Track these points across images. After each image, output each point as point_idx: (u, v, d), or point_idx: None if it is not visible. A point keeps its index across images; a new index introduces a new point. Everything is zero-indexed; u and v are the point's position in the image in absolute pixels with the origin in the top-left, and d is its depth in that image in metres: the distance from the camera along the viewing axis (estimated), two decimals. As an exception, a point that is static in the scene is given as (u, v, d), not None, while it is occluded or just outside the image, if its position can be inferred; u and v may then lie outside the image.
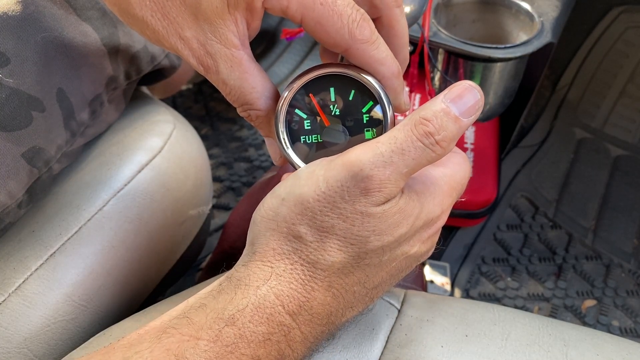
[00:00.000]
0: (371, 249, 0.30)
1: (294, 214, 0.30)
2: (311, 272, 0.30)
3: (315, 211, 0.29)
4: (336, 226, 0.29)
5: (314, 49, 1.19)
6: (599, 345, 0.38)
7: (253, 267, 0.30)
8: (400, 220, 0.30)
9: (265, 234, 0.31)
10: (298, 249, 0.30)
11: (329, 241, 0.30)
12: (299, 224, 0.30)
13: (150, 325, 0.30)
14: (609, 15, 0.93)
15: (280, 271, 0.30)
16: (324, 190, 0.29)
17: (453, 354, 0.37)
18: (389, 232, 0.30)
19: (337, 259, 0.30)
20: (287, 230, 0.30)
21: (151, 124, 0.56)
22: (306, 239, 0.30)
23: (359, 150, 0.29)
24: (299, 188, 0.30)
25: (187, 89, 1.16)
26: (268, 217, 0.31)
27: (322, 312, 0.31)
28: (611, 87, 0.98)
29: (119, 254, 0.49)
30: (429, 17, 0.62)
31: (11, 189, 0.43)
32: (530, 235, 0.88)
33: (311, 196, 0.29)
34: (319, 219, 0.30)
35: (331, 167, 0.29)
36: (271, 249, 0.30)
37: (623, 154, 0.97)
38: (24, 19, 0.43)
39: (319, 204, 0.29)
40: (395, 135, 0.29)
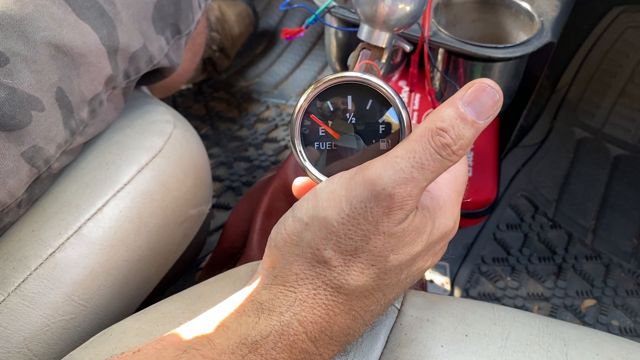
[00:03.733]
0: (390, 269, 0.30)
1: (319, 238, 0.29)
2: (334, 296, 0.30)
3: (340, 235, 0.29)
4: (359, 249, 0.29)
5: (314, 48, 1.19)
6: (598, 345, 0.38)
7: (275, 291, 0.30)
8: (415, 239, 0.30)
9: (289, 259, 0.30)
10: (322, 273, 0.30)
11: (352, 265, 0.29)
12: (323, 249, 0.29)
13: (167, 340, 0.30)
14: (608, 15, 0.93)
15: (303, 296, 0.29)
16: (347, 212, 0.29)
17: (453, 353, 0.37)
18: (406, 251, 0.30)
19: (360, 282, 0.30)
20: (311, 255, 0.30)
21: (151, 123, 0.56)
22: (331, 263, 0.29)
23: (379, 166, 0.28)
24: (322, 211, 0.29)
25: (187, 89, 1.16)
26: (292, 242, 0.30)
27: (341, 334, 0.31)
28: (611, 87, 0.98)
29: (119, 253, 0.49)
30: (429, 17, 0.62)
31: (11, 188, 0.43)
32: (530, 235, 0.88)
33: (335, 219, 0.29)
34: (344, 243, 0.29)
35: (352, 186, 0.29)
36: (294, 273, 0.30)
37: (623, 154, 0.97)
38: (23, 18, 0.42)
39: (344, 227, 0.29)
40: (413, 147, 0.28)
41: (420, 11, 0.44)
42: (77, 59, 0.46)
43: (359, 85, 0.32)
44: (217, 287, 0.45)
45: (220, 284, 0.45)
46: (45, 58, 0.43)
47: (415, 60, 0.64)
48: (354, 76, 0.32)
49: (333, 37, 0.75)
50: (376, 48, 0.46)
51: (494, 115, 0.30)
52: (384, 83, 0.32)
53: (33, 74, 0.43)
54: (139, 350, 0.29)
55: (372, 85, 0.32)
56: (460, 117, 0.28)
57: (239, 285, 0.44)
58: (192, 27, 0.59)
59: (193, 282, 0.63)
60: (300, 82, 1.14)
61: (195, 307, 0.42)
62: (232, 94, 1.14)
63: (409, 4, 0.43)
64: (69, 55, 0.45)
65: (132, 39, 0.50)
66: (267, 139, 1.05)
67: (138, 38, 0.51)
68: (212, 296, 0.43)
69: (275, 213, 0.57)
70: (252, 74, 1.18)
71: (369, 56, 0.46)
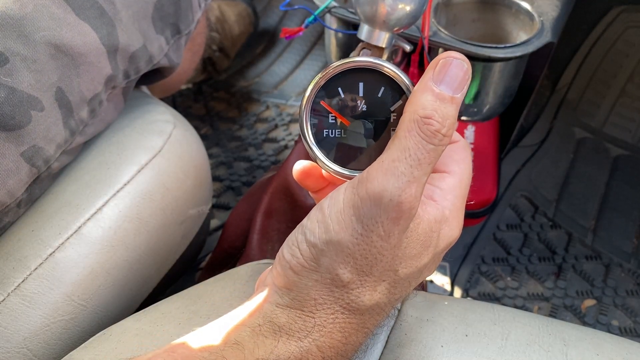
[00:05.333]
0: (399, 282, 0.30)
1: (337, 262, 0.29)
2: (350, 318, 0.30)
3: (356, 256, 0.29)
4: (374, 266, 0.29)
5: (313, 48, 1.19)
6: (598, 345, 0.38)
7: (294, 315, 0.29)
8: (422, 252, 0.30)
9: (307, 283, 0.30)
10: (340, 297, 0.29)
11: (367, 284, 0.29)
12: (342, 273, 0.29)
13: (178, 352, 0.29)
14: (608, 15, 0.93)
15: (322, 321, 0.29)
16: (360, 232, 0.28)
17: (453, 353, 0.37)
18: (414, 264, 0.30)
19: (374, 301, 0.30)
20: (330, 280, 0.29)
21: (151, 123, 0.56)
22: (349, 286, 0.29)
23: (381, 177, 0.28)
24: (335, 235, 0.29)
25: (186, 89, 1.16)
26: (310, 268, 0.29)
27: (352, 351, 0.31)
28: (611, 87, 0.98)
29: (119, 253, 0.49)
30: (429, 17, 0.62)
31: (11, 188, 0.43)
32: (530, 234, 0.88)
33: (350, 242, 0.28)
34: (360, 263, 0.29)
35: (359, 203, 0.28)
36: (312, 298, 0.29)
37: (623, 154, 0.97)
38: (23, 18, 0.42)
39: (359, 247, 0.28)
40: (406, 145, 0.28)
41: (420, 11, 0.44)
42: (76, 59, 0.45)
43: (371, 71, 0.31)
44: (217, 287, 0.45)
45: (220, 284, 0.45)
46: (45, 58, 0.43)
47: (415, 60, 0.63)
48: (367, 61, 0.31)
49: (333, 37, 0.75)
50: (376, 48, 0.46)
51: (468, 84, 0.29)
52: (398, 70, 0.31)
53: (33, 73, 0.43)
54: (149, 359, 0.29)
55: (386, 71, 0.30)
56: (438, 98, 0.28)
57: (239, 285, 0.44)
58: (192, 27, 0.59)
59: (193, 282, 0.63)
60: (300, 82, 1.14)
61: (195, 307, 0.42)
62: (232, 94, 1.14)
63: (409, 4, 0.43)
64: (69, 55, 0.45)
65: (131, 39, 0.50)
66: (267, 139, 1.05)
67: (138, 38, 0.51)
68: (212, 296, 0.43)
69: (275, 213, 0.57)
70: (252, 74, 1.17)
71: (369, 56, 0.46)
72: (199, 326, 0.40)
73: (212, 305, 0.42)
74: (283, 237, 0.57)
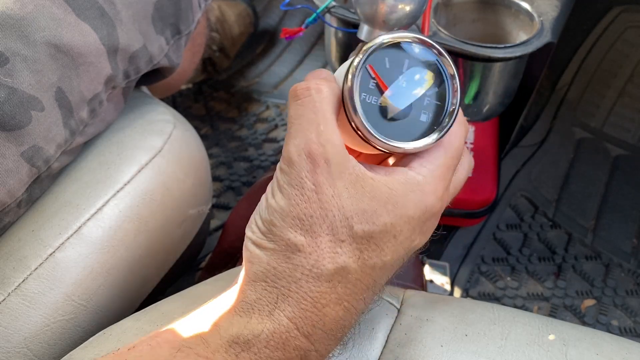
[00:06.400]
0: (360, 240, 0.29)
1: (285, 228, 0.29)
2: (317, 286, 0.29)
3: (301, 217, 0.29)
4: (323, 223, 0.29)
5: (313, 48, 1.19)
6: (598, 345, 0.38)
7: (260, 289, 0.30)
8: (377, 207, 0.30)
9: (266, 253, 0.30)
10: (299, 263, 0.29)
11: (324, 245, 0.29)
12: (292, 236, 0.29)
13: (162, 337, 0.29)
14: (608, 15, 0.93)
15: (285, 291, 0.29)
16: (295, 194, 0.30)
17: (453, 353, 0.37)
18: (372, 220, 0.29)
19: (339, 264, 0.29)
20: (285, 246, 0.29)
21: (151, 123, 0.56)
22: (305, 249, 0.29)
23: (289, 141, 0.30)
24: (276, 203, 0.30)
25: (187, 89, 1.16)
26: (267, 239, 0.30)
27: (335, 327, 0.30)
28: (611, 87, 0.98)
29: (119, 253, 0.49)
30: (429, 17, 0.62)
31: (11, 188, 0.43)
32: (529, 234, 0.88)
33: (290, 204, 0.29)
34: (308, 222, 0.29)
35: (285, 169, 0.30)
36: (272, 267, 0.29)
37: (623, 154, 0.97)
38: (23, 18, 0.42)
39: (300, 207, 0.29)
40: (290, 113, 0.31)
41: (420, 11, 0.44)
42: (76, 59, 0.46)
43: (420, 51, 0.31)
44: (217, 287, 0.45)
45: (220, 284, 0.45)
46: (45, 58, 0.43)
47: (415, 60, 0.63)
48: (424, 39, 0.31)
49: (333, 37, 0.75)
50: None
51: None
52: (450, 59, 0.31)
53: (33, 73, 0.43)
54: (134, 346, 0.29)
55: (437, 54, 0.31)
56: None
57: (239, 285, 0.44)
58: (192, 27, 0.59)
59: (193, 282, 0.63)
60: (300, 82, 1.14)
61: (195, 307, 0.42)
62: (232, 94, 1.14)
63: (408, 4, 0.43)
64: (69, 55, 0.45)
65: (132, 39, 0.50)
66: (267, 139, 1.05)
67: (138, 38, 0.51)
68: (212, 296, 0.43)
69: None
70: (252, 74, 1.18)
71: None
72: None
73: (212, 305, 0.42)
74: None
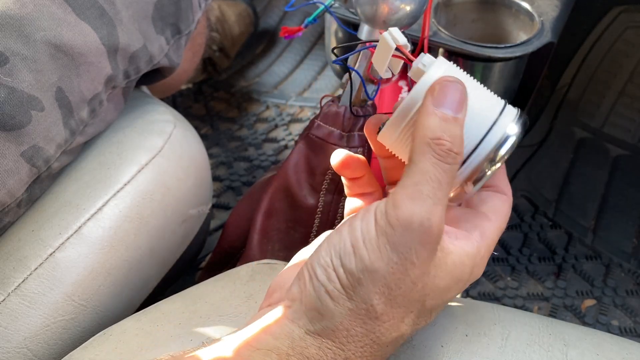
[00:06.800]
0: (423, 311, 0.30)
1: (373, 292, 0.28)
2: (375, 350, 0.29)
3: (391, 285, 0.28)
4: (406, 296, 0.29)
5: (313, 48, 1.19)
6: (598, 345, 0.38)
7: (325, 347, 0.29)
8: (451, 285, 0.30)
9: (342, 312, 0.29)
10: (371, 330, 0.29)
11: (397, 315, 0.29)
12: (376, 303, 0.28)
13: None
14: (608, 15, 0.93)
15: (350, 354, 0.29)
16: (396, 261, 0.28)
17: (453, 353, 0.37)
18: (441, 297, 0.30)
19: (400, 332, 0.29)
20: (365, 310, 0.29)
21: (151, 123, 0.56)
22: (382, 318, 0.29)
23: (407, 202, 0.28)
24: (371, 264, 0.28)
25: (187, 89, 1.16)
26: (347, 296, 0.29)
27: None
28: (611, 87, 0.98)
29: (119, 253, 0.49)
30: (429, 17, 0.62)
31: (11, 188, 0.43)
32: (529, 234, 0.88)
33: (387, 271, 0.28)
34: (395, 293, 0.29)
35: (390, 230, 0.28)
36: (345, 329, 0.29)
37: (623, 154, 0.97)
38: (23, 18, 0.42)
39: (394, 276, 0.28)
40: (423, 168, 0.28)
41: (420, 11, 0.45)
42: (77, 59, 0.46)
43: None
44: (217, 287, 0.45)
45: (220, 284, 0.45)
46: (45, 58, 0.43)
47: (415, 60, 0.63)
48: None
49: (333, 37, 0.75)
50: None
51: (466, 104, 0.30)
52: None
53: (33, 73, 0.43)
54: None
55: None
56: (442, 119, 0.29)
57: (239, 285, 0.44)
58: (192, 27, 0.59)
59: (193, 282, 0.63)
60: (300, 82, 1.14)
61: (196, 307, 0.42)
62: (232, 94, 1.14)
63: (409, 4, 0.43)
64: (69, 55, 0.45)
65: (132, 39, 0.50)
66: (267, 139, 1.05)
67: (138, 38, 0.51)
68: (212, 296, 0.43)
69: (275, 213, 0.57)
70: (252, 74, 1.18)
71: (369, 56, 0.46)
72: (199, 326, 0.40)
73: (212, 305, 0.42)
74: (283, 237, 0.57)
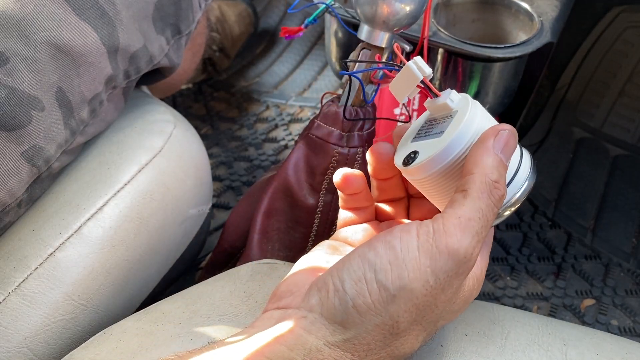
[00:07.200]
0: (434, 330, 0.31)
1: (402, 311, 0.29)
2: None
3: (420, 307, 0.29)
4: (427, 317, 0.29)
5: (313, 48, 1.19)
6: (598, 345, 0.38)
7: (344, 359, 0.29)
8: (462, 307, 0.32)
9: (367, 327, 0.29)
10: (389, 344, 0.29)
11: (414, 332, 0.30)
12: (403, 321, 0.29)
13: None
14: (608, 15, 0.93)
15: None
16: (432, 284, 0.28)
17: (452, 353, 0.37)
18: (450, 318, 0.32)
19: (413, 348, 0.30)
20: (390, 327, 0.29)
21: (151, 123, 0.56)
22: (402, 335, 0.29)
23: (459, 234, 0.28)
24: (409, 282, 0.28)
25: (187, 89, 1.16)
26: (376, 312, 0.28)
27: None
28: (610, 87, 0.98)
29: (119, 253, 0.49)
30: (429, 17, 0.62)
31: (11, 188, 0.43)
32: (529, 234, 0.88)
33: (421, 292, 0.28)
34: (421, 313, 0.29)
35: (436, 255, 0.28)
36: (367, 343, 0.29)
37: (622, 154, 0.97)
38: (23, 18, 0.43)
39: (426, 299, 0.29)
40: (480, 206, 0.29)
41: (420, 11, 0.45)
42: (77, 59, 0.46)
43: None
44: (217, 287, 0.45)
45: (220, 284, 0.45)
46: (45, 58, 0.43)
47: (415, 60, 0.63)
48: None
49: (333, 37, 0.75)
50: (376, 48, 0.46)
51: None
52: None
53: (33, 73, 0.43)
54: None
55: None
56: (500, 164, 0.30)
57: (239, 285, 0.44)
58: (192, 27, 0.59)
59: (193, 282, 0.63)
60: (300, 82, 1.14)
61: (196, 307, 0.42)
62: (232, 94, 1.14)
63: (409, 4, 0.43)
64: (69, 55, 0.45)
65: (132, 39, 0.50)
66: (267, 139, 1.05)
67: (138, 38, 0.51)
68: (212, 296, 0.44)
69: (275, 213, 0.57)
70: (252, 74, 1.18)
71: (369, 56, 0.46)
72: (199, 326, 0.40)
73: (212, 305, 0.42)
74: (283, 236, 0.57)
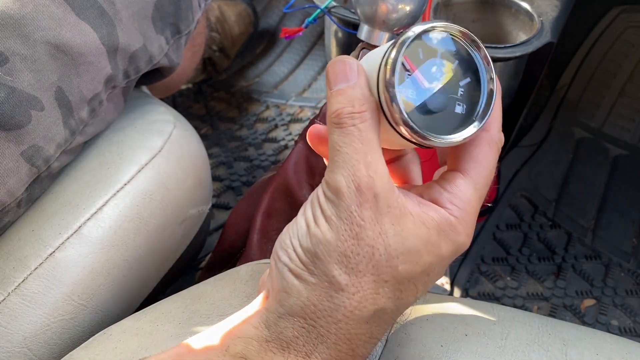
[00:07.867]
0: (402, 282, 0.29)
1: (330, 264, 0.28)
2: (355, 327, 0.28)
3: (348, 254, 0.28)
4: (369, 262, 0.28)
5: (313, 48, 1.19)
6: (598, 345, 0.38)
7: (298, 326, 0.28)
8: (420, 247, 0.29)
9: (306, 287, 0.28)
10: (340, 304, 0.28)
11: (368, 286, 0.28)
12: (337, 274, 0.28)
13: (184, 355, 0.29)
14: (608, 15, 0.93)
15: (324, 331, 0.28)
16: (345, 228, 0.28)
17: (453, 353, 0.37)
18: (412, 260, 0.28)
19: (379, 306, 0.28)
20: (328, 283, 0.28)
21: (151, 123, 0.56)
22: (349, 289, 0.28)
23: (335, 172, 0.28)
24: (322, 235, 0.28)
25: (187, 89, 1.16)
26: (308, 272, 0.29)
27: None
28: (610, 87, 0.98)
29: (119, 253, 0.49)
30: (429, 17, 0.62)
31: (11, 188, 0.43)
32: (529, 234, 0.88)
33: (338, 239, 0.28)
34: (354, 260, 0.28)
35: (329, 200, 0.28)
36: (312, 304, 0.28)
37: (622, 154, 0.97)
38: (23, 17, 0.43)
39: (347, 243, 0.28)
40: (331, 141, 0.29)
41: (420, 11, 0.45)
42: (76, 59, 0.46)
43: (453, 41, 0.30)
44: (217, 287, 0.45)
45: (220, 284, 0.45)
46: (44, 57, 0.43)
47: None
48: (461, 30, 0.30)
49: (333, 37, 0.75)
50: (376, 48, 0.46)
51: (357, 68, 0.30)
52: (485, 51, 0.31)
53: (32, 73, 0.43)
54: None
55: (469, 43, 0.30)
56: (339, 94, 0.29)
57: (239, 285, 0.44)
58: (192, 26, 0.59)
59: (193, 282, 0.63)
60: (300, 82, 1.14)
61: (195, 307, 0.42)
62: (232, 94, 1.14)
63: (408, 4, 0.43)
64: (69, 54, 0.45)
65: (131, 39, 0.50)
66: (267, 139, 1.05)
67: (138, 38, 0.51)
68: (212, 296, 0.44)
69: (275, 213, 0.57)
70: (252, 74, 1.18)
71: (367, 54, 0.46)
72: (199, 326, 0.40)
73: (212, 305, 0.42)
74: (283, 236, 0.57)
